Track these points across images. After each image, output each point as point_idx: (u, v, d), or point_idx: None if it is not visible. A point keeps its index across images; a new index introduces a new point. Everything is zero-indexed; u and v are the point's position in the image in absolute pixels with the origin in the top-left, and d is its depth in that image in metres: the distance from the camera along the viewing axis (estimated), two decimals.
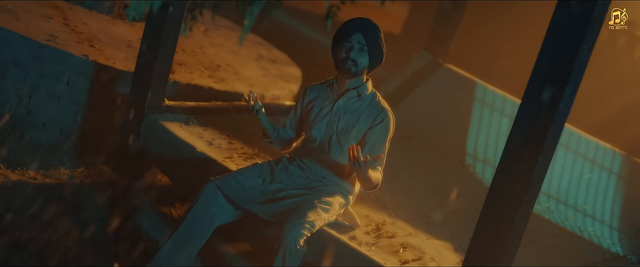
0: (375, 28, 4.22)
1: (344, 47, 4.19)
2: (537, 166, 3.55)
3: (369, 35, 4.18)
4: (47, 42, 5.54)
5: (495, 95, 6.66)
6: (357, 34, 4.17)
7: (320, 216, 4.03)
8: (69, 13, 6.44)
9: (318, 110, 4.33)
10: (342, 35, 4.20)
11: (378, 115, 4.24)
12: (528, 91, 3.49)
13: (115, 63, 5.67)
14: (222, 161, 4.81)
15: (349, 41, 4.18)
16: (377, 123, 4.22)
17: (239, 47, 7.40)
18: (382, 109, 4.26)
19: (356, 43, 4.17)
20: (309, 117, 4.35)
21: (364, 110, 4.25)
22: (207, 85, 5.95)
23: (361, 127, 4.23)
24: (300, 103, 4.45)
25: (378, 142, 4.22)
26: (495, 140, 6.42)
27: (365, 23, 4.20)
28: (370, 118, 4.24)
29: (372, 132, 4.22)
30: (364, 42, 4.17)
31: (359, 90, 4.26)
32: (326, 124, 4.28)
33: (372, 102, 4.28)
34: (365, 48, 4.18)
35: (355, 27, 4.17)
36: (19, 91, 5.55)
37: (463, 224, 5.01)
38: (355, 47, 4.17)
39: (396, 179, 5.54)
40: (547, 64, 3.43)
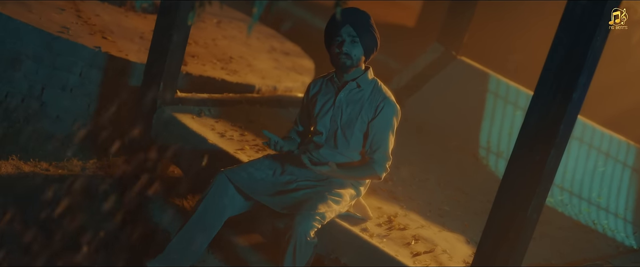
0: (364, 16, 4.17)
1: (336, 42, 4.14)
2: (550, 157, 3.52)
3: (359, 25, 4.12)
4: (59, 34, 5.54)
5: (509, 88, 6.62)
6: (346, 26, 4.11)
7: (330, 208, 4.02)
8: (81, 5, 6.44)
9: (321, 104, 4.30)
10: (332, 30, 4.15)
11: (379, 103, 4.19)
12: (541, 81, 3.47)
13: (127, 55, 5.66)
14: (233, 152, 4.80)
15: (340, 35, 4.12)
16: (379, 112, 4.18)
17: (252, 40, 7.38)
18: (383, 97, 4.21)
19: (347, 36, 4.11)
20: (314, 111, 4.32)
21: (366, 100, 4.21)
22: (220, 77, 5.93)
23: (364, 117, 4.20)
24: (305, 98, 4.43)
25: (379, 133, 4.18)
26: (509, 133, 6.39)
27: (352, 13, 4.14)
28: (372, 107, 4.20)
29: (374, 123, 4.18)
30: (355, 33, 4.11)
31: (358, 81, 4.22)
32: (330, 118, 4.25)
33: (374, 91, 4.23)
34: (357, 39, 4.12)
35: (343, 20, 4.11)
36: (32, 83, 5.55)
37: (475, 217, 4.99)
38: (346, 40, 4.11)
39: (408, 172, 5.52)
40: (561, 54, 3.40)
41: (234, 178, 4.16)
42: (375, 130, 4.18)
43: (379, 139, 4.17)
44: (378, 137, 4.18)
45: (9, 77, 5.54)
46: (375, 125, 4.18)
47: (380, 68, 6.30)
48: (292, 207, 4.01)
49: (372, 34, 4.15)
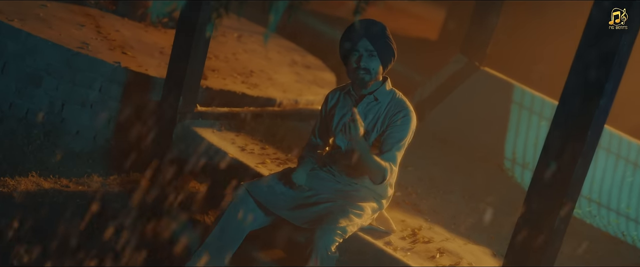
0: (380, 28, 4.06)
1: (353, 57, 4.02)
2: (577, 166, 3.44)
3: (375, 38, 4.01)
4: (79, 50, 5.52)
5: (534, 98, 6.53)
6: (363, 40, 4.00)
7: (352, 222, 3.94)
8: (101, 21, 6.43)
9: (339, 117, 4.20)
10: (348, 43, 4.04)
11: (397, 113, 4.06)
12: (567, 88, 3.39)
13: (147, 70, 5.63)
14: (254, 166, 4.74)
15: (356, 49, 4.01)
16: (395, 120, 4.05)
17: (273, 53, 7.34)
18: (400, 108, 4.07)
19: (364, 50, 4.00)
20: (332, 124, 4.23)
21: (383, 112, 4.10)
22: (240, 91, 5.89)
23: (380, 130, 4.09)
24: (323, 110, 4.33)
25: (391, 139, 4.02)
26: (534, 143, 6.29)
27: (368, 26, 4.03)
28: (388, 118, 4.09)
29: (389, 129, 4.04)
30: (372, 47, 4.00)
31: (376, 94, 4.10)
32: None
33: (391, 102, 4.11)
34: (375, 53, 4.01)
35: (359, 33, 4.00)
36: (52, 99, 5.53)
37: (501, 229, 4.89)
38: (364, 55, 4.00)
39: (433, 184, 5.43)
40: (586, 60, 3.32)
41: (254, 192, 4.09)
42: (388, 133, 4.05)
43: (391, 141, 4.03)
44: (389, 142, 4.03)
45: (30, 94, 5.53)
46: (389, 132, 4.06)
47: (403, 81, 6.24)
48: (312, 221, 3.93)
49: (389, 45, 4.06)
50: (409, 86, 7.06)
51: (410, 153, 4.10)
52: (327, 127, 4.29)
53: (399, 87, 4.24)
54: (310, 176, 4.22)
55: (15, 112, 5.54)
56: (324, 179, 4.21)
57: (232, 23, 7.71)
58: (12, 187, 4.82)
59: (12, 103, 5.56)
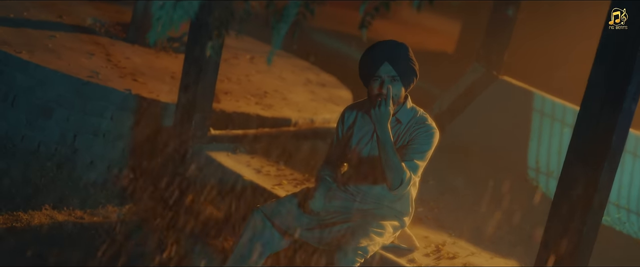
0: (402, 50, 3.87)
1: (374, 82, 3.83)
2: (604, 172, 3.31)
3: (397, 61, 3.82)
4: (89, 79, 5.46)
5: (555, 105, 6.38)
6: (385, 64, 3.81)
7: (373, 241, 3.80)
8: (111, 48, 6.37)
9: (358, 137, 4.05)
10: (369, 67, 3.85)
11: (419, 128, 3.89)
12: (588, 91, 3.27)
13: (158, 96, 5.55)
14: (271, 188, 4.64)
15: (378, 75, 3.83)
16: (418, 135, 3.87)
17: (287, 73, 7.26)
18: (423, 124, 3.90)
19: (385, 75, 3.81)
20: (350, 143, 4.07)
21: (402, 131, 3.93)
22: (254, 113, 5.80)
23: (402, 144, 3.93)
24: (340, 128, 4.17)
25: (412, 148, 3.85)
26: (558, 151, 6.14)
27: (390, 49, 3.85)
28: (409, 133, 3.91)
29: (411, 142, 3.87)
30: (394, 72, 3.81)
31: (398, 116, 3.93)
32: (368, 153, 4.01)
33: (413, 119, 3.94)
34: (398, 77, 3.82)
35: (380, 57, 3.82)
36: (64, 130, 5.46)
37: (528, 241, 4.75)
38: (386, 81, 3.81)
39: (455, 197, 5.30)
40: (607, 61, 3.20)
41: (270, 214, 3.98)
42: (410, 143, 3.88)
43: (412, 151, 3.83)
44: (410, 152, 3.84)
45: (41, 126, 5.46)
46: (410, 144, 3.89)
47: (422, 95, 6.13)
48: (332, 242, 3.81)
49: (411, 67, 3.87)
50: (428, 100, 6.94)
51: (431, 166, 3.96)
52: (345, 146, 4.14)
53: (418, 101, 4.10)
54: (328, 197, 4.08)
55: (27, 145, 5.47)
56: (343, 199, 4.08)
57: (245, 45, 7.65)
58: (25, 221, 4.74)
59: (24, 136, 5.49)
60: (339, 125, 4.18)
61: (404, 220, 4.10)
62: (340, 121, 4.17)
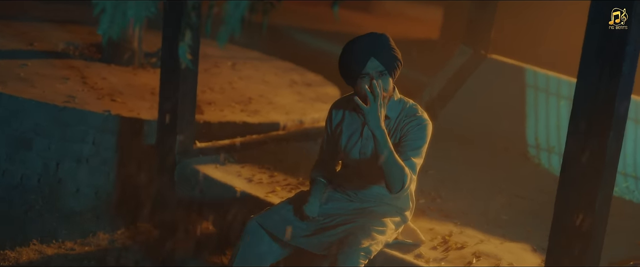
0: (385, 42, 3.66)
1: (363, 81, 3.60)
2: (610, 141, 3.13)
3: (382, 54, 3.61)
4: (65, 104, 5.27)
5: (548, 78, 6.20)
6: (371, 60, 3.60)
7: (375, 240, 3.61)
8: (86, 71, 6.18)
9: (348, 136, 3.84)
10: (354, 67, 3.63)
11: (410, 122, 3.69)
12: (584, 57, 3.09)
13: (139, 113, 5.37)
14: (264, 196, 4.45)
15: (366, 72, 3.60)
16: (410, 130, 3.67)
17: (270, 76, 7.09)
18: (414, 117, 3.70)
19: (373, 71, 3.60)
20: (340, 142, 3.87)
21: (393, 126, 3.73)
22: (241, 120, 5.63)
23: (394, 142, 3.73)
24: (328, 126, 3.97)
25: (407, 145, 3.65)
26: (557, 125, 5.96)
27: (373, 43, 3.64)
28: (400, 129, 3.71)
29: (404, 138, 3.68)
30: (382, 67, 3.60)
31: (387, 112, 3.71)
32: (359, 151, 3.81)
33: (401, 114, 3.74)
34: (385, 71, 3.62)
35: (365, 51, 3.60)
36: (46, 160, 5.28)
37: (538, 221, 4.57)
38: (374, 77, 3.59)
39: (457, 184, 5.11)
40: (602, 21, 3.00)
41: (265, 224, 3.78)
42: (404, 141, 3.69)
43: (407, 152, 3.65)
44: (405, 151, 3.64)
45: (21, 158, 5.28)
46: (404, 141, 3.70)
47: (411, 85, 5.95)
48: (333, 246, 3.62)
49: (395, 57, 3.66)
50: (417, 88, 6.76)
51: (428, 156, 3.76)
52: (336, 145, 3.95)
53: (408, 91, 3.89)
54: (324, 199, 3.89)
55: (9, 180, 5.28)
56: (339, 200, 3.89)
57: (225, 52, 7.47)
58: (13, 260, 4.55)
59: (5, 170, 5.30)
60: (327, 124, 3.98)
61: (405, 215, 3.91)
62: (328, 120, 3.97)
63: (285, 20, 12.10)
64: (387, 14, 14.22)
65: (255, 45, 8.23)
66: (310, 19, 12.51)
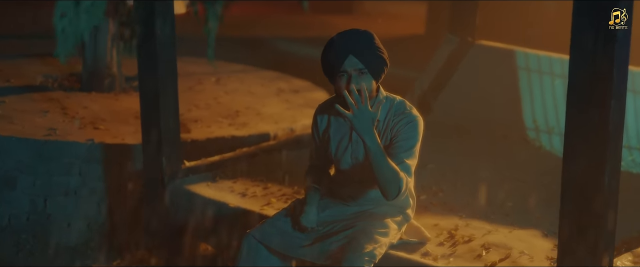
0: (366, 38, 3.48)
1: (341, 79, 3.43)
2: (613, 112, 2.97)
3: (363, 52, 3.42)
4: (47, 138, 5.12)
5: (540, 58, 6.06)
6: (349, 57, 3.41)
7: (378, 243, 3.44)
8: (66, 101, 6.03)
9: (336, 141, 3.66)
10: (333, 63, 3.45)
11: (399, 121, 3.51)
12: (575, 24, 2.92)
13: (124, 139, 5.23)
14: (260, 210, 4.29)
15: (343, 70, 3.42)
16: (400, 129, 3.49)
17: (256, 87, 6.96)
18: (402, 115, 3.52)
19: (351, 69, 3.41)
20: (329, 148, 3.69)
21: (382, 126, 3.55)
22: (229, 135, 5.51)
23: (385, 143, 3.55)
24: (315, 133, 3.79)
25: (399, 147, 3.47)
26: (553, 105, 5.81)
27: (353, 39, 3.45)
28: (390, 128, 3.53)
29: (395, 140, 3.49)
30: (361, 65, 3.41)
31: None
32: (350, 156, 3.63)
33: (389, 113, 3.55)
34: (365, 70, 3.42)
35: (344, 49, 3.42)
36: (32, 197, 5.13)
37: (545, 204, 4.42)
38: (353, 75, 3.41)
39: (458, 176, 4.96)
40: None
41: (262, 238, 3.61)
42: (396, 143, 3.51)
43: (400, 155, 3.46)
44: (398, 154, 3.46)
45: (7, 198, 5.13)
46: (396, 139, 3.52)
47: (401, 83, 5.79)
48: (335, 254, 3.45)
49: (379, 56, 3.47)
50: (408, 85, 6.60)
51: (426, 150, 3.60)
52: (326, 150, 3.77)
53: (399, 90, 3.71)
54: (321, 207, 3.71)
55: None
56: (336, 206, 3.71)
57: (208, 68, 7.33)
58: None
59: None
60: (314, 131, 3.80)
61: (407, 213, 3.73)
62: (314, 126, 3.79)
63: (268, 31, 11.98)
64: (367, 13, 14.12)
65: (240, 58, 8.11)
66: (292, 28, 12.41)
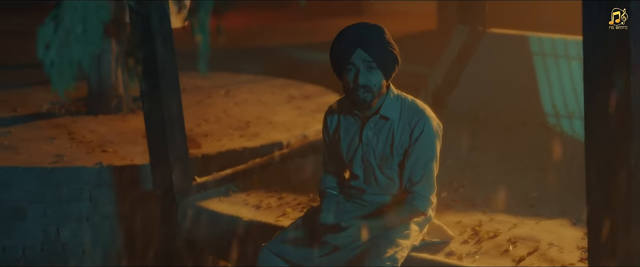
0: (376, 32, 3.32)
1: (349, 74, 3.30)
2: (634, 88, 2.77)
3: (373, 46, 3.27)
4: (54, 165, 5.01)
5: (554, 41, 5.87)
6: (358, 50, 3.26)
7: (400, 246, 3.29)
8: (72, 126, 5.92)
9: (347, 144, 3.51)
10: (341, 57, 3.32)
11: (414, 126, 3.36)
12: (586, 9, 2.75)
13: (133, 160, 5.12)
14: (275, 221, 4.13)
15: (352, 63, 3.28)
16: (415, 136, 3.35)
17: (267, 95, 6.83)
18: (417, 117, 3.37)
19: (360, 62, 3.27)
20: (340, 151, 3.55)
21: (397, 126, 3.39)
22: (240, 147, 5.40)
23: (399, 148, 3.39)
24: (326, 135, 3.64)
25: (419, 160, 3.36)
26: (572, 88, 5.62)
27: (362, 32, 3.30)
28: (406, 132, 3.38)
29: (412, 149, 3.36)
30: (369, 58, 3.26)
31: (382, 112, 3.38)
32: (361, 159, 3.47)
33: (403, 112, 3.39)
34: (374, 64, 3.27)
35: (352, 42, 3.28)
36: (45, 227, 5.03)
37: (571, 192, 4.25)
38: (361, 69, 3.27)
39: (478, 170, 4.79)
40: None
41: (278, 251, 3.46)
42: (413, 157, 3.36)
43: (420, 167, 3.35)
44: (418, 165, 3.34)
45: (19, 230, 5.02)
46: (413, 154, 3.37)
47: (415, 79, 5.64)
48: (355, 260, 3.29)
49: (389, 52, 3.32)
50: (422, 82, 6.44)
51: (443, 146, 3.42)
52: (336, 153, 3.61)
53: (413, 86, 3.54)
54: (338, 213, 3.55)
55: (11, 254, 5.04)
56: (353, 211, 3.54)
57: (216, 81, 7.23)
58: None
59: (5, 246, 5.05)
60: (324, 133, 3.65)
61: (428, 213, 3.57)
62: (325, 128, 3.63)
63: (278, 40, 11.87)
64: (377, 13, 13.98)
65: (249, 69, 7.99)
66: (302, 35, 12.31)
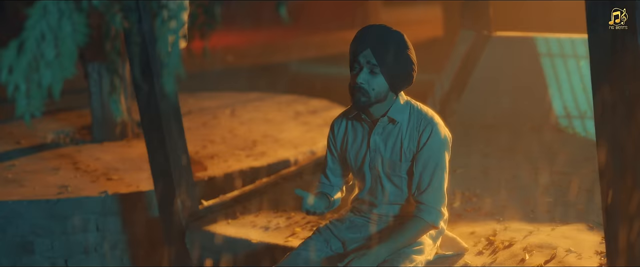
0: (392, 38, 3.18)
1: (353, 70, 3.20)
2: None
3: (381, 50, 3.14)
4: (59, 196, 4.91)
5: (561, 42, 5.77)
6: (366, 50, 3.14)
7: (414, 262, 3.18)
8: (77, 156, 5.82)
9: (355, 151, 3.40)
10: (352, 53, 3.22)
11: (422, 133, 3.24)
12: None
13: (139, 186, 5.02)
14: (284, 242, 4.02)
15: (358, 61, 3.17)
16: (423, 144, 3.24)
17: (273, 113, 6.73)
18: (425, 124, 3.25)
19: (365, 63, 3.16)
20: (348, 159, 3.44)
21: (405, 132, 3.29)
22: (247, 167, 5.28)
23: (408, 154, 3.28)
24: (332, 144, 3.53)
25: (427, 170, 3.24)
26: (582, 88, 5.52)
27: (374, 33, 3.17)
28: (414, 139, 3.27)
29: (419, 157, 3.25)
30: (375, 61, 3.13)
31: (390, 114, 3.27)
32: (368, 166, 3.36)
33: (411, 118, 3.29)
34: (377, 69, 3.15)
35: (365, 42, 3.16)
36: (52, 260, 4.92)
37: (587, 195, 4.13)
38: (364, 69, 3.15)
39: (490, 177, 4.67)
40: None
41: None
42: (421, 163, 3.25)
43: (427, 174, 3.23)
44: (426, 174, 3.22)
45: (26, 264, 4.89)
46: (421, 161, 3.25)
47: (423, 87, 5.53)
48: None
49: (399, 61, 3.18)
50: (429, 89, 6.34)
51: (453, 154, 3.31)
52: (343, 162, 3.51)
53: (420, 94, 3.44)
54: (347, 228, 3.44)
55: None
56: (363, 226, 3.44)
57: (223, 101, 7.13)
58: None
59: None
60: (330, 140, 3.53)
61: (440, 225, 3.45)
62: (331, 135, 3.51)
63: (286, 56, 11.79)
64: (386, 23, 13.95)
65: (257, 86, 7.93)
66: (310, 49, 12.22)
